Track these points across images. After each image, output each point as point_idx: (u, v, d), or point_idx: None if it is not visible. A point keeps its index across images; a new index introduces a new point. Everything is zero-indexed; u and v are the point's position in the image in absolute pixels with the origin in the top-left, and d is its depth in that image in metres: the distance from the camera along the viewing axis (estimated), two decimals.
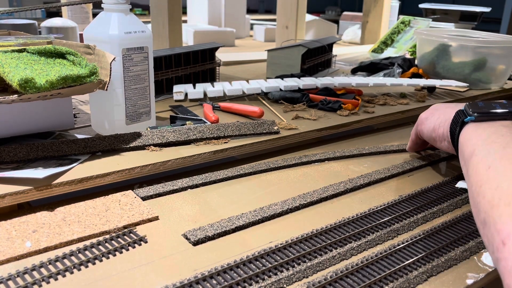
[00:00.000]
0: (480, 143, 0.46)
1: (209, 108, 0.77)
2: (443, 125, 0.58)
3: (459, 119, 0.52)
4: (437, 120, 0.60)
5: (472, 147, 0.47)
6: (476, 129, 0.49)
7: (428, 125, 0.62)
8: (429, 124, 0.61)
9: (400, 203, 0.54)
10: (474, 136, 0.48)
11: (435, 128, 0.59)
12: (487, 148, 0.44)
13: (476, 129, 0.49)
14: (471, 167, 0.45)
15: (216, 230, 0.46)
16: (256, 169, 0.62)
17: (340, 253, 0.43)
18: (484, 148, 0.45)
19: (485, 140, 0.46)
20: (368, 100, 0.90)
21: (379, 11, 1.81)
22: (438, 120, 0.59)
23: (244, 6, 2.10)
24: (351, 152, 0.69)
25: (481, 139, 0.47)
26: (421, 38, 1.12)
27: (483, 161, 0.43)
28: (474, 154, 0.46)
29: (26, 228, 0.45)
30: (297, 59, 1.05)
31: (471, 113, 0.50)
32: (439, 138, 0.59)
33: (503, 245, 0.35)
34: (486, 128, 0.48)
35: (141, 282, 0.39)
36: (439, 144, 0.60)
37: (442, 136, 0.58)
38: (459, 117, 0.52)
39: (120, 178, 0.54)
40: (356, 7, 5.26)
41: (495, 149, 0.43)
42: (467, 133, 0.50)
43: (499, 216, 0.37)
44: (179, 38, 1.20)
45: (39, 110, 0.61)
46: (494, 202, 0.38)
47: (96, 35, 0.62)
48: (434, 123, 0.60)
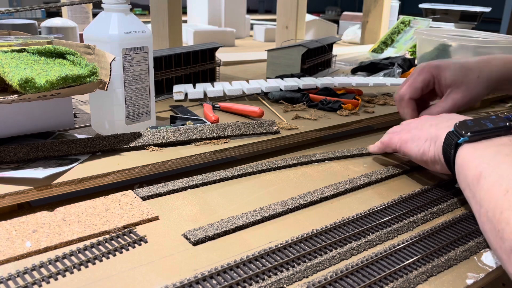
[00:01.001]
0: (485, 166, 0.44)
1: (209, 108, 0.77)
2: (433, 148, 0.55)
3: (452, 141, 0.50)
4: (425, 143, 0.56)
5: (477, 170, 0.45)
6: (475, 150, 0.47)
7: (414, 149, 0.58)
8: (416, 148, 0.58)
9: (400, 203, 0.54)
10: (476, 158, 0.46)
11: (424, 151, 0.56)
12: (496, 171, 0.42)
13: (474, 150, 0.47)
14: (482, 192, 0.43)
15: (216, 230, 0.46)
16: (256, 169, 0.62)
17: (340, 253, 0.43)
18: (494, 171, 0.43)
19: (490, 162, 0.44)
20: (368, 100, 0.90)
21: (379, 11, 1.81)
22: (426, 143, 0.56)
23: (244, 6, 2.10)
24: (351, 152, 0.69)
25: (485, 161, 0.45)
26: (421, 38, 1.12)
27: (497, 185, 0.41)
28: (482, 177, 0.43)
29: (26, 228, 0.45)
30: (297, 59, 1.05)
31: (464, 133, 0.48)
32: (431, 161, 0.56)
33: None
34: (485, 149, 0.46)
35: (141, 282, 0.39)
36: (432, 166, 0.57)
37: (434, 159, 0.55)
38: (452, 139, 0.50)
39: (120, 178, 0.54)
40: (356, 7, 5.27)
41: (507, 171, 0.42)
42: (466, 156, 0.48)
43: None
44: (179, 38, 1.20)
45: (39, 110, 0.61)
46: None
47: (96, 35, 0.62)
48: (424, 147, 0.56)
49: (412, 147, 0.58)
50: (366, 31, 1.87)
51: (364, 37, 1.88)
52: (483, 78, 0.64)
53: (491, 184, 0.42)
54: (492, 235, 0.40)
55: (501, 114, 0.94)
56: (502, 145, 0.46)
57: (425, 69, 0.65)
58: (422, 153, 0.57)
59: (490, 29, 1.53)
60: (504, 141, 0.46)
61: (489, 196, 0.41)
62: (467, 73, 0.64)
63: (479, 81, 0.64)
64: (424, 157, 0.56)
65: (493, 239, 0.40)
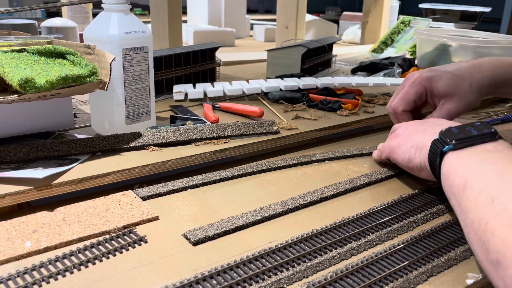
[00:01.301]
0: (471, 174, 0.43)
1: (209, 108, 0.77)
2: (419, 156, 0.54)
3: (437, 149, 0.49)
4: (411, 149, 0.56)
5: (462, 179, 0.44)
6: (460, 158, 0.46)
7: (402, 155, 0.58)
8: (402, 154, 0.57)
9: (400, 203, 0.54)
10: (461, 167, 0.45)
11: (410, 158, 0.56)
12: (482, 180, 0.41)
13: (459, 158, 0.46)
14: (467, 202, 0.42)
15: (216, 230, 0.46)
16: (256, 169, 0.62)
17: (340, 253, 0.43)
18: (479, 180, 0.42)
19: (476, 170, 0.43)
20: (368, 100, 0.90)
21: (379, 11, 1.81)
22: (412, 150, 0.56)
23: (244, 6, 2.10)
24: (351, 152, 0.69)
25: (470, 169, 0.44)
26: (421, 38, 1.12)
27: (483, 194, 0.40)
28: (467, 187, 0.42)
29: (26, 228, 0.45)
30: (297, 59, 1.05)
31: (449, 141, 0.47)
32: (417, 169, 0.55)
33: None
34: (470, 157, 0.45)
35: (141, 282, 0.39)
36: (418, 173, 0.56)
37: (420, 166, 0.54)
38: (437, 147, 0.49)
39: (120, 178, 0.54)
40: (356, 7, 5.27)
41: (492, 179, 0.40)
42: (451, 164, 0.47)
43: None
44: (179, 38, 1.20)
45: (39, 110, 0.61)
46: (509, 241, 0.35)
47: (96, 35, 0.62)
48: (409, 154, 0.56)
49: (398, 154, 0.58)
50: (366, 31, 1.87)
51: (364, 37, 1.88)
52: (475, 86, 0.64)
53: (477, 193, 0.41)
54: (478, 246, 0.39)
55: (500, 114, 0.94)
56: (487, 152, 0.45)
57: (417, 81, 0.65)
58: (408, 160, 0.56)
59: (490, 29, 1.53)
60: (488, 147, 0.45)
61: (474, 206, 0.40)
62: (459, 82, 0.63)
63: (471, 89, 0.64)
64: (410, 164, 0.56)
65: (478, 250, 0.39)
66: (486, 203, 0.39)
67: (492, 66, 0.66)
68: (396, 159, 0.60)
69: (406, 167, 0.58)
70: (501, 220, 0.36)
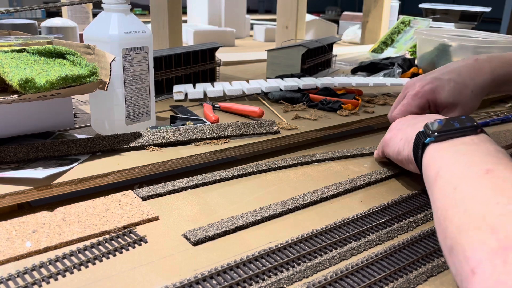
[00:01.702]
0: (442, 164, 0.44)
1: (209, 108, 0.77)
2: (406, 148, 0.55)
3: (420, 141, 0.50)
4: (400, 142, 0.57)
5: (435, 170, 0.44)
6: (438, 150, 0.47)
7: (392, 147, 0.59)
8: (393, 146, 0.59)
9: (400, 203, 0.54)
10: (436, 158, 0.46)
11: (399, 151, 0.57)
12: (450, 170, 0.42)
13: (437, 150, 0.47)
14: (436, 191, 0.43)
15: (216, 230, 0.46)
16: (256, 169, 0.62)
17: (340, 253, 0.43)
18: (448, 170, 0.42)
19: (447, 161, 0.44)
20: (368, 100, 0.90)
21: (379, 11, 1.81)
22: (401, 142, 0.57)
23: (244, 6, 2.10)
24: (351, 152, 0.69)
25: (443, 160, 0.44)
26: (421, 38, 1.12)
27: (448, 183, 0.41)
28: (438, 177, 0.43)
29: (26, 228, 0.45)
30: (297, 59, 1.05)
31: (431, 133, 0.48)
32: (406, 161, 0.56)
33: (472, 275, 0.32)
34: (447, 148, 0.46)
35: (141, 282, 0.39)
36: (406, 166, 0.57)
37: (408, 159, 0.55)
38: (420, 139, 0.50)
39: (120, 178, 0.54)
40: (356, 7, 5.26)
41: (459, 170, 0.41)
42: (429, 155, 0.48)
43: (468, 243, 0.34)
44: (179, 38, 1.20)
45: (39, 110, 0.61)
46: (462, 228, 0.35)
47: (96, 35, 0.62)
48: (399, 146, 0.57)
49: (390, 147, 0.60)
50: (366, 31, 1.87)
51: (364, 37, 1.88)
52: (476, 91, 0.64)
53: (443, 182, 0.42)
54: (439, 233, 0.39)
55: (500, 114, 0.94)
56: (463, 145, 0.45)
57: (419, 94, 0.64)
58: (397, 153, 0.57)
59: (490, 29, 1.53)
60: (466, 140, 0.46)
61: (440, 195, 0.41)
62: (462, 90, 0.63)
63: (473, 95, 0.64)
64: (399, 156, 0.57)
65: (440, 237, 0.39)
66: (449, 192, 0.40)
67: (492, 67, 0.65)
68: (387, 152, 0.61)
69: (396, 159, 0.59)
70: (458, 207, 0.37)
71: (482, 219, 0.34)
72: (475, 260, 0.32)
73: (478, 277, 0.31)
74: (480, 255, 0.32)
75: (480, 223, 0.34)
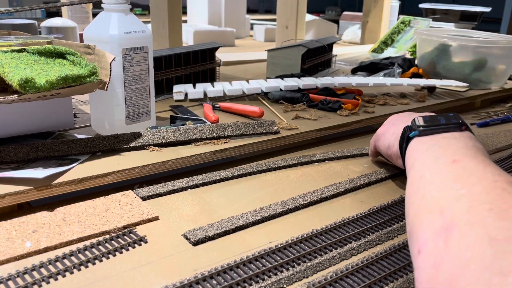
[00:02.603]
0: (418, 156, 0.45)
1: (209, 108, 0.77)
2: (396, 142, 0.55)
3: (405, 134, 0.51)
4: (391, 136, 0.57)
5: (412, 161, 0.45)
6: (419, 144, 0.47)
7: (383, 142, 0.59)
8: (384, 141, 0.59)
9: (400, 203, 0.54)
10: (415, 151, 0.47)
11: (389, 145, 0.57)
12: (422, 161, 0.43)
13: (419, 143, 0.47)
14: (408, 180, 0.44)
15: (216, 230, 0.46)
16: (256, 169, 0.62)
17: (340, 253, 0.43)
18: (421, 161, 0.43)
19: (423, 153, 0.45)
20: (368, 100, 0.90)
21: (379, 11, 1.81)
22: (392, 137, 0.57)
23: (244, 6, 2.10)
24: (351, 152, 0.69)
25: (419, 152, 0.45)
26: (421, 38, 1.12)
27: (417, 172, 0.42)
28: (412, 167, 0.44)
29: (26, 228, 0.45)
30: (297, 59, 1.05)
31: (416, 128, 0.49)
32: (394, 156, 0.57)
33: (418, 254, 0.33)
34: (427, 142, 0.46)
35: (141, 282, 0.39)
36: (395, 161, 0.58)
37: (396, 154, 0.56)
38: (405, 132, 0.51)
39: (120, 178, 0.54)
40: (356, 7, 5.26)
41: (429, 160, 0.42)
42: (410, 149, 0.48)
43: (419, 225, 0.35)
44: (179, 38, 1.20)
45: (39, 110, 0.61)
46: (418, 212, 0.37)
47: (96, 35, 0.62)
48: (389, 141, 0.58)
49: (381, 141, 0.60)
50: (366, 31, 1.87)
51: (364, 37, 1.88)
52: None
53: (414, 172, 0.43)
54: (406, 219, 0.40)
55: (500, 114, 0.94)
56: (443, 139, 0.46)
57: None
58: (387, 147, 0.58)
59: (490, 29, 1.53)
60: (447, 135, 0.46)
61: (409, 183, 0.43)
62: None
63: None
64: (389, 151, 0.58)
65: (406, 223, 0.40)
66: (416, 180, 0.41)
67: None
68: (378, 146, 0.61)
69: (386, 154, 0.60)
70: (418, 194, 0.39)
71: (436, 203, 0.35)
72: (421, 240, 0.33)
73: (421, 255, 0.32)
74: (426, 235, 0.33)
75: (432, 207, 0.35)
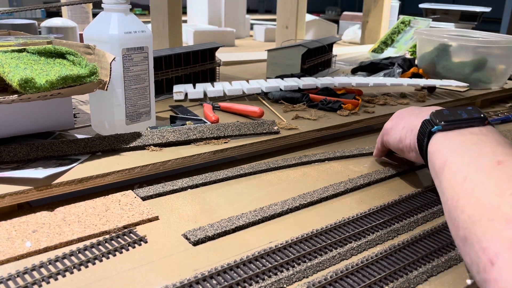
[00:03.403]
0: (451, 154, 0.44)
1: (209, 108, 0.77)
2: (409, 136, 0.55)
3: (426, 129, 0.50)
4: (402, 130, 0.57)
5: (443, 159, 0.45)
6: (445, 139, 0.47)
7: (393, 135, 0.59)
8: (394, 134, 0.59)
9: (400, 203, 0.54)
10: (444, 147, 0.46)
11: (401, 139, 0.57)
12: (460, 159, 0.42)
13: (445, 139, 0.47)
14: (444, 180, 0.43)
15: (216, 230, 0.46)
16: (256, 169, 0.62)
17: (340, 253, 0.43)
18: (457, 159, 0.43)
19: (456, 150, 0.44)
20: (368, 100, 0.90)
21: (379, 11, 1.81)
22: (403, 130, 0.57)
23: (244, 6, 2.10)
24: (351, 152, 0.69)
25: (452, 149, 0.45)
26: (421, 38, 1.12)
27: (458, 173, 0.41)
28: (446, 166, 0.43)
29: (26, 228, 0.45)
30: (297, 59, 1.05)
31: (438, 122, 0.48)
32: (407, 149, 0.56)
33: (491, 265, 0.32)
34: (455, 138, 0.46)
35: (141, 282, 0.39)
36: (407, 154, 0.57)
37: (410, 147, 0.55)
38: (426, 127, 0.50)
39: (120, 178, 0.54)
40: (356, 7, 5.26)
41: (469, 159, 0.41)
42: (436, 144, 0.48)
43: (483, 233, 0.34)
44: (179, 38, 1.20)
45: (39, 110, 0.61)
46: (475, 218, 0.36)
47: (96, 35, 0.62)
48: (400, 134, 0.57)
49: (391, 135, 0.60)
50: (366, 31, 1.87)
51: (364, 37, 1.88)
52: None
53: (453, 172, 0.42)
54: (450, 223, 0.40)
55: (500, 114, 0.94)
56: (471, 135, 0.45)
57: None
58: (399, 140, 0.58)
59: (490, 29, 1.53)
60: (474, 131, 0.46)
61: (449, 184, 0.42)
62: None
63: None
64: (400, 144, 0.58)
65: (451, 227, 0.40)
66: (459, 181, 0.40)
67: None
68: (387, 140, 0.61)
69: (396, 148, 0.60)
70: (469, 198, 0.38)
71: (496, 209, 0.34)
72: (492, 251, 0.33)
73: (497, 267, 0.32)
74: (497, 245, 0.32)
75: (494, 214, 0.34)
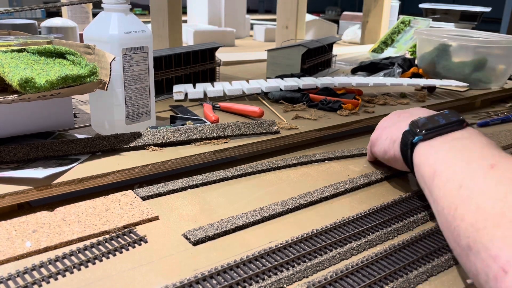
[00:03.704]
0: (439, 163, 0.44)
1: (209, 108, 0.77)
2: (392, 147, 0.55)
3: (407, 140, 0.50)
4: (385, 141, 0.57)
5: (431, 169, 0.44)
6: (430, 148, 0.46)
7: (379, 147, 0.59)
8: (379, 146, 0.59)
9: (400, 203, 0.54)
10: (430, 156, 0.46)
11: (385, 150, 0.57)
12: (450, 168, 0.42)
13: (429, 148, 0.47)
14: (436, 190, 0.42)
15: (216, 230, 0.46)
16: (256, 169, 0.62)
17: (340, 253, 0.43)
18: (447, 168, 0.42)
19: (443, 159, 0.44)
20: (368, 100, 0.90)
21: (379, 11, 1.81)
22: (386, 142, 0.57)
23: (244, 6, 2.10)
24: (351, 152, 0.69)
25: (438, 158, 0.44)
26: (421, 38, 1.12)
27: (451, 181, 0.41)
28: (436, 176, 0.43)
29: (26, 228, 0.45)
30: (297, 59, 1.05)
31: (418, 132, 0.48)
32: (392, 160, 0.56)
33: (504, 273, 0.31)
34: (439, 146, 0.46)
35: (141, 282, 0.39)
36: (394, 164, 0.57)
37: (394, 158, 0.55)
38: (407, 138, 0.50)
39: (120, 178, 0.54)
40: (356, 7, 5.26)
41: (460, 167, 0.41)
42: (421, 154, 0.47)
43: (490, 241, 0.33)
44: (179, 38, 1.20)
45: (39, 110, 0.61)
46: (479, 225, 0.35)
47: (96, 35, 0.62)
48: (384, 146, 0.57)
49: (376, 146, 0.60)
50: (366, 31, 1.87)
51: (364, 37, 1.88)
52: None
53: (445, 180, 0.42)
54: (449, 233, 0.39)
55: (500, 114, 0.94)
56: (455, 140, 0.45)
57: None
58: (384, 152, 0.58)
59: (490, 29, 1.53)
60: (456, 136, 0.46)
61: (443, 193, 0.41)
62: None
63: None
64: (386, 156, 0.58)
65: (450, 237, 0.39)
66: (454, 189, 0.40)
67: None
68: (375, 151, 0.61)
69: (382, 159, 0.60)
70: (468, 205, 0.37)
71: (500, 215, 0.34)
72: (503, 258, 0.32)
73: (510, 276, 0.31)
74: (508, 253, 0.32)
75: (499, 220, 0.34)
